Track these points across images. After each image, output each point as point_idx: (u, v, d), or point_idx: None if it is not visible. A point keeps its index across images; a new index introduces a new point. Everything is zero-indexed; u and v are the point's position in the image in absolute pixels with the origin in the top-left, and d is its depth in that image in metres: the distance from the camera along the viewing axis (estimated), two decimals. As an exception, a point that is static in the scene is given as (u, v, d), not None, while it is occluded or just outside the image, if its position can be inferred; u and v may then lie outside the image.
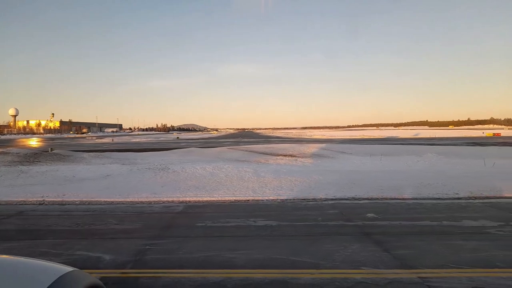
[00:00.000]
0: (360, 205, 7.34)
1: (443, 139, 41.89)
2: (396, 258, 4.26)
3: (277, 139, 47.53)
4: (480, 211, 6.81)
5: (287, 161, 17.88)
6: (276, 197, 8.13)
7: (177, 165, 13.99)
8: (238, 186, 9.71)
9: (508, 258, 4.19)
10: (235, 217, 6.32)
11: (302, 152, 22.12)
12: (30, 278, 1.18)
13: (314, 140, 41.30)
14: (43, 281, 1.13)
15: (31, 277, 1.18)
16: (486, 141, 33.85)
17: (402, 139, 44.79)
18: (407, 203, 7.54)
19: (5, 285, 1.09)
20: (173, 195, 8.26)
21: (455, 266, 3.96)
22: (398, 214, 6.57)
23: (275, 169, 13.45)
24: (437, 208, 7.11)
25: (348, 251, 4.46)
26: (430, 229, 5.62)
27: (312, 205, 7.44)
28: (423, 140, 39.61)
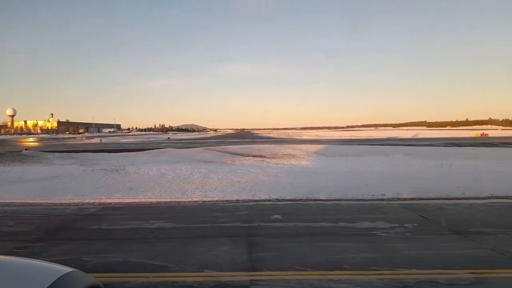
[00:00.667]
0: (276, 207, 7.34)
1: (427, 139, 41.93)
2: (252, 260, 4.27)
3: (264, 140, 47.54)
4: (390, 212, 6.83)
5: (253, 161, 17.89)
6: (201, 199, 8.15)
7: (135, 166, 14.04)
8: (174, 187, 9.72)
9: (362, 260, 4.20)
10: (139, 219, 6.33)
11: (275, 153, 22.15)
12: (29, 278, 1.18)
13: (299, 141, 41.32)
14: (43, 282, 1.12)
15: (31, 278, 1.19)
16: (467, 142, 33.86)
17: (387, 139, 44.89)
18: (326, 204, 7.54)
19: (4, 286, 1.08)
20: (99, 197, 8.29)
21: (300, 268, 3.97)
22: (305, 215, 6.58)
23: (230, 169, 13.43)
24: (351, 209, 7.12)
25: (212, 254, 4.47)
26: (320, 230, 5.64)
27: (230, 206, 7.45)
28: (406, 141, 39.71)
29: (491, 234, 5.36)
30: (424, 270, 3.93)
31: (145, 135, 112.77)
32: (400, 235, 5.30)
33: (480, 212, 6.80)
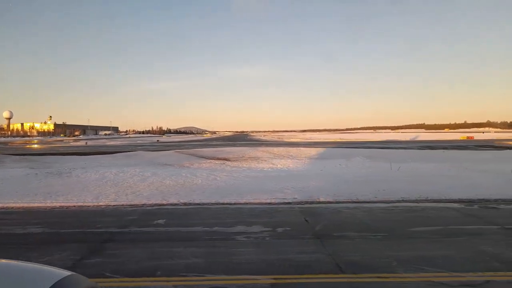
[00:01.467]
0: (173, 211, 7.32)
1: (409, 142, 41.92)
2: (82, 266, 4.24)
3: (247, 142, 47.69)
4: (281, 216, 6.83)
5: (211, 164, 17.90)
6: (108, 203, 8.12)
7: (85, 170, 14.08)
8: (97, 191, 9.70)
9: (180, 265, 4.18)
10: (17, 224, 6.33)
11: (242, 156, 22.15)
12: (28, 282, 1.19)
13: (280, 144, 41.33)
14: (42, 285, 1.13)
15: (30, 281, 1.19)
16: (442, 145, 33.84)
17: (369, 142, 44.97)
18: (227, 208, 7.55)
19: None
20: (7, 201, 8.28)
21: (114, 276, 3.95)
22: (191, 220, 6.55)
23: (175, 173, 13.40)
24: (252, 212, 7.14)
25: (43, 259, 4.45)
26: (183, 235, 5.62)
27: (128, 210, 7.45)
28: (387, 143, 39.68)
29: (350, 238, 5.35)
30: (234, 276, 3.91)
31: (140, 137, 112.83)
32: (258, 240, 5.28)
33: (368, 216, 6.77)
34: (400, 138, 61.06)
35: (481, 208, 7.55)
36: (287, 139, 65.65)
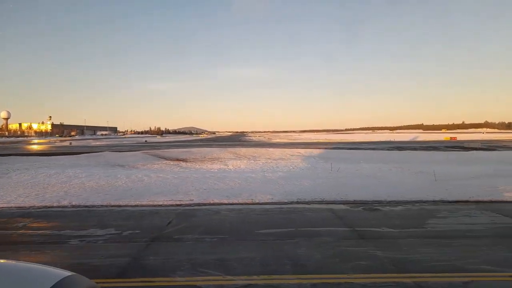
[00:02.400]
0: (49, 213, 7.39)
1: (384, 143, 41.93)
2: None
3: (227, 143, 47.67)
4: (147, 218, 6.86)
5: (164, 165, 18.01)
6: (10, 205, 8.20)
7: (29, 171, 14.26)
8: (4, 192, 9.79)
9: None
10: None
11: (204, 156, 22.22)
12: (29, 282, 1.20)
13: (258, 144, 41.39)
14: (42, 285, 1.15)
15: (30, 282, 1.21)
16: (412, 146, 33.79)
17: (350, 143, 44.90)
18: (112, 210, 7.60)
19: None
20: None
21: None
22: (63, 223, 6.60)
23: (115, 174, 13.42)
24: (125, 215, 7.17)
25: None
26: (27, 238, 5.67)
27: (13, 212, 7.52)
28: (362, 144, 39.76)
29: (183, 240, 5.38)
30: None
31: (134, 137, 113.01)
32: (84, 243, 5.32)
33: (237, 217, 6.81)
34: (387, 138, 60.90)
35: (363, 209, 7.58)
36: (275, 139, 65.65)
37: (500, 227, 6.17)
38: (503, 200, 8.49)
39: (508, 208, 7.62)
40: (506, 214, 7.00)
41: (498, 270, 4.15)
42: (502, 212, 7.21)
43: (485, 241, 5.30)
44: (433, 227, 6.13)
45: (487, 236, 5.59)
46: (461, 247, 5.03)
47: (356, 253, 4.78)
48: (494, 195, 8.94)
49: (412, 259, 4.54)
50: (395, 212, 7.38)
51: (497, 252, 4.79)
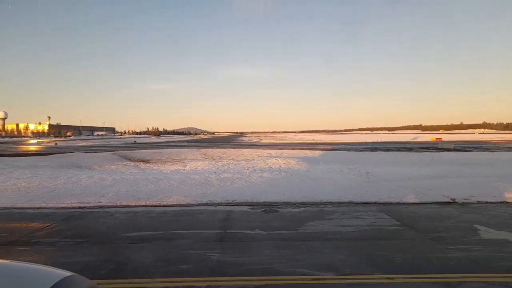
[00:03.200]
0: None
1: (370, 143, 41.85)
2: None
3: (207, 144, 47.73)
4: (40, 219, 6.89)
5: (122, 166, 18.07)
6: None
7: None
8: None
9: None
10: None
11: (170, 157, 22.27)
12: (29, 282, 1.20)
13: (239, 145, 41.36)
14: (42, 286, 1.15)
15: (30, 282, 1.21)
16: (387, 147, 33.75)
17: (335, 143, 44.89)
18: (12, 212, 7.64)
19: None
20: None
21: None
22: None
23: (63, 175, 13.49)
24: (32, 216, 7.22)
25: None
26: None
27: None
28: (345, 145, 39.73)
29: (41, 244, 5.41)
30: None
31: (129, 138, 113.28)
32: None
33: (122, 220, 6.84)
34: (377, 139, 60.79)
35: (261, 211, 7.60)
36: (265, 140, 65.65)
37: (374, 229, 6.17)
38: (408, 202, 8.48)
39: (404, 211, 7.61)
40: (394, 216, 7.00)
41: (311, 273, 4.15)
42: (393, 214, 7.22)
43: (339, 243, 5.31)
44: (306, 229, 6.13)
45: (348, 239, 5.59)
46: (307, 249, 5.05)
47: (195, 256, 4.79)
48: (405, 198, 8.94)
49: (242, 262, 4.55)
50: (290, 214, 7.39)
51: (334, 255, 4.79)
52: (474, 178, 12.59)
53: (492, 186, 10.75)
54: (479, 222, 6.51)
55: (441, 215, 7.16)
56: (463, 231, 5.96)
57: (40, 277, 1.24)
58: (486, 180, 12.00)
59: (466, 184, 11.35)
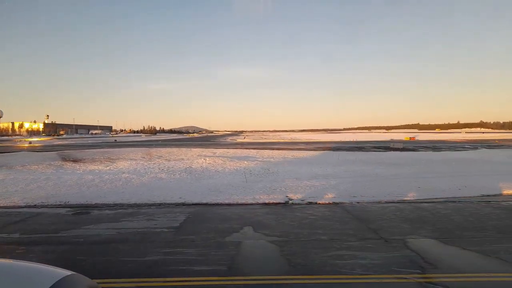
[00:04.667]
0: None
1: (343, 143, 41.72)
2: None
3: (185, 143, 47.74)
4: None
5: (45, 167, 17.99)
6: None
7: None
8: None
9: None
10: None
11: (108, 157, 22.28)
12: (29, 281, 1.21)
13: (206, 145, 41.32)
14: (42, 285, 1.15)
15: (30, 281, 1.21)
16: (347, 146, 33.60)
17: (316, 142, 44.80)
18: None
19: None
20: None
21: None
22: None
23: None
24: None
25: None
26: None
27: None
28: (328, 143, 39.65)
29: None
30: None
31: (121, 136, 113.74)
32: None
33: None
34: (354, 139, 60.51)
35: (72, 214, 7.53)
36: (247, 140, 65.66)
37: (151, 231, 6.07)
38: (236, 203, 8.40)
39: (213, 211, 7.53)
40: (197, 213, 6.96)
41: None
42: (195, 215, 7.15)
43: (71, 247, 5.23)
44: (71, 233, 6.04)
45: (91, 243, 5.51)
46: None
47: None
48: (231, 198, 8.87)
49: None
50: (95, 216, 7.31)
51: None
52: (365, 178, 12.45)
53: (366, 186, 10.61)
54: (252, 223, 6.39)
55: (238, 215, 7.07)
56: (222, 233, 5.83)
57: (40, 276, 1.24)
58: (372, 181, 11.86)
59: (346, 185, 11.23)
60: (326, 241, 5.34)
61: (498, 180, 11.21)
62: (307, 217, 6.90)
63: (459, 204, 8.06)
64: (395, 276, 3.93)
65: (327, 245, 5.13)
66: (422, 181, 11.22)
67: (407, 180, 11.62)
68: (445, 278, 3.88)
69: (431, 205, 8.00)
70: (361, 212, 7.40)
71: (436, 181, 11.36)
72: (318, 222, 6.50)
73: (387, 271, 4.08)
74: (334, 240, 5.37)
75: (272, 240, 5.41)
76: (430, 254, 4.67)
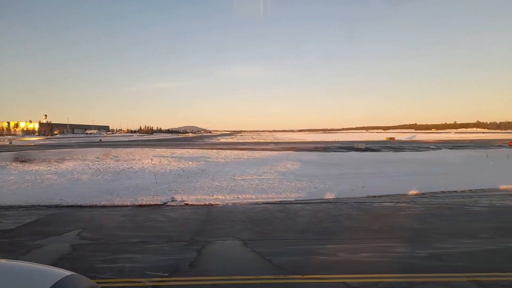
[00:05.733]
0: None
1: (328, 143, 41.61)
2: None
3: (159, 143, 47.75)
4: None
5: None
6: None
7: None
8: None
9: None
10: None
11: (60, 157, 22.29)
12: (28, 282, 1.21)
13: (175, 144, 41.30)
14: (43, 285, 1.15)
15: (31, 281, 1.22)
16: (321, 146, 33.51)
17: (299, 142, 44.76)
18: None
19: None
20: None
21: None
22: None
23: None
24: None
25: None
26: None
27: None
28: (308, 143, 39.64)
29: None
30: None
31: (113, 136, 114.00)
32: None
33: None
34: (337, 139, 60.40)
35: None
36: (238, 140, 65.70)
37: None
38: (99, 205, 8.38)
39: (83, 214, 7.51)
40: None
41: None
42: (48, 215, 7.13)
43: None
44: None
45: None
46: None
47: None
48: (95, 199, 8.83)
49: None
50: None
51: None
52: (278, 178, 12.39)
53: (263, 187, 10.57)
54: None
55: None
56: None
57: (40, 276, 1.24)
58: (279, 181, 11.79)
59: (248, 184, 11.20)
60: (135, 243, 5.30)
61: (394, 182, 11.23)
62: (156, 219, 6.88)
63: (325, 205, 8.08)
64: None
65: (131, 248, 5.10)
66: (329, 182, 11.15)
67: (315, 180, 11.57)
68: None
69: (299, 206, 7.96)
70: (217, 212, 7.43)
71: (340, 181, 11.31)
72: (159, 224, 6.48)
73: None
74: (145, 243, 5.31)
75: (79, 243, 5.38)
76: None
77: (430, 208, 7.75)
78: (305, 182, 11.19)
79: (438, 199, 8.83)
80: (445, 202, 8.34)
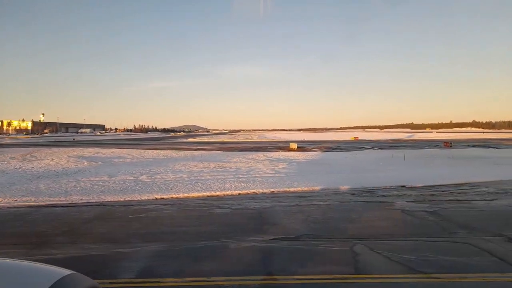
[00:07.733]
0: None
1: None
2: None
3: (134, 144, 47.66)
4: None
5: None
6: None
7: None
8: None
9: None
10: None
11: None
12: (29, 281, 1.20)
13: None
14: (42, 284, 1.14)
15: (30, 280, 1.20)
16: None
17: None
18: None
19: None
20: None
21: None
22: None
23: None
24: None
25: None
26: None
27: None
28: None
29: None
30: None
31: (107, 136, 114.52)
32: None
33: None
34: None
35: None
36: (225, 140, 65.98)
37: None
38: None
39: None
40: None
41: None
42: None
43: None
44: None
45: None
46: None
47: None
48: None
49: None
50: None
51: None
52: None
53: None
54: None
55: None
56: None
57: (40, 276, 1.22)
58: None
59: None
60: None
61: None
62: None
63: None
64: None
65: None
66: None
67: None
68: None
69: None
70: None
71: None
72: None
73: None
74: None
75: None
76: None
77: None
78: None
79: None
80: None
